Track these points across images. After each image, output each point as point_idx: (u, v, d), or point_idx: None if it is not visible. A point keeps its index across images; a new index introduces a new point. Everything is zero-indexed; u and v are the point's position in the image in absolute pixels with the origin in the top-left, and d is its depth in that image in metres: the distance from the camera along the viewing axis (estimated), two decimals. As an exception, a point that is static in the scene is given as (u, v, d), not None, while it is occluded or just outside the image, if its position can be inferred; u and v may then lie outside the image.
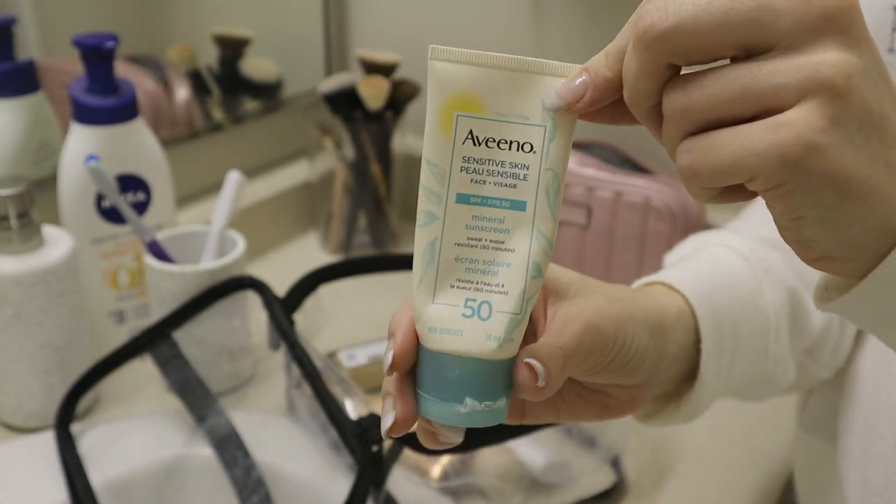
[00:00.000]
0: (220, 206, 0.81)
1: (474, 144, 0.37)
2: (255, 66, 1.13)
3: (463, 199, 0.37)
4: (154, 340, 0.75)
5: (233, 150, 1.10)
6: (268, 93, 1.16)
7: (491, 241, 0.38)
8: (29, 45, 0.88)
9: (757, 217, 0.64)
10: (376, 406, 0.64)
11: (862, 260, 0.35)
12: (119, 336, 0.85)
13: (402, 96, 1.05)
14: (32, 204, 0.72)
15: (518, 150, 0.37)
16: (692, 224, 0.90)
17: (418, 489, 0.69)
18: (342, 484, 0.68)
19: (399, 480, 0.69)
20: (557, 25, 1.05)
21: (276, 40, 1.16)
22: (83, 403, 0.76)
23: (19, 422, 0.75)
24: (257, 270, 0.95)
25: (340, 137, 1.06)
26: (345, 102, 1.04)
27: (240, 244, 0.81)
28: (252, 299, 0.79)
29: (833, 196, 0.32)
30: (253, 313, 0.81)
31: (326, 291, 0.80)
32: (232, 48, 1.10)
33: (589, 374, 0.43)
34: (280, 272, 0.96)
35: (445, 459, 0.71)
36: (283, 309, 0.72)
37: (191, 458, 0.72)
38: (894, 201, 0.33)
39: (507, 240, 0.38)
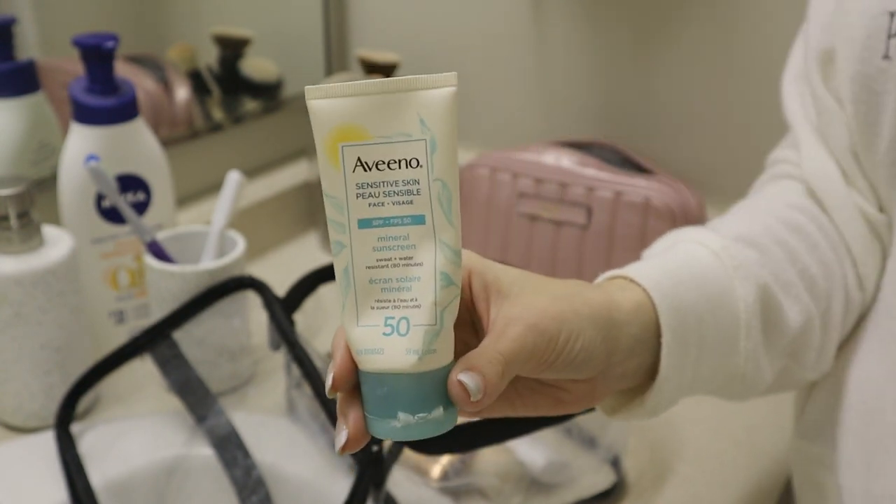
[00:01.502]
0: (220, 206, 0.81)
1: (365, 170, 0.38)
2: (255, 66, 1.13)
3: (365, 223, 0.38)
4: (154, 340, 0.75)
5: (233, 150, 1.10)
6: (268, 93, 1.16)
7: (400, 259, 0.39)
8: (29, 45, 0.88)
9: (738, 215, 0.63)
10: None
11: None
12: (119, 336, 0.85)
13: (402, 96, 1.04)
14: (32, 204, 0.72)
15: (407, 166, 0.38)
16: (692, 224, 0.90)
17: (418, 489, 0.69)
18: (342, 484, 0.68)
19: (399, 480, 0.69)
20: (557, 25, 1.05)
21: (276, 40, 1.16)
22: (83, 403, 0.76)
23: (19, 422, 0.75)
24: (257, 270, 0.95)
25: (340, 137, 1.05)
26: (345, 102, 1.04)
27: (240, 244, 0.81)
28: (252, 299, 0.79)
29: None
30: (253, 313, 0.81)
31: (326, 291, 0.79)
32: (232, 48, 1.10)
33: (534, 373, 0.43)
34: (280, 272, 0.96)
35: (445, 459, 0.70)
36: (283, 309, 0.72)
37: (191, 458, 0.72)
38: None
39: (414, 255, 0.38)
